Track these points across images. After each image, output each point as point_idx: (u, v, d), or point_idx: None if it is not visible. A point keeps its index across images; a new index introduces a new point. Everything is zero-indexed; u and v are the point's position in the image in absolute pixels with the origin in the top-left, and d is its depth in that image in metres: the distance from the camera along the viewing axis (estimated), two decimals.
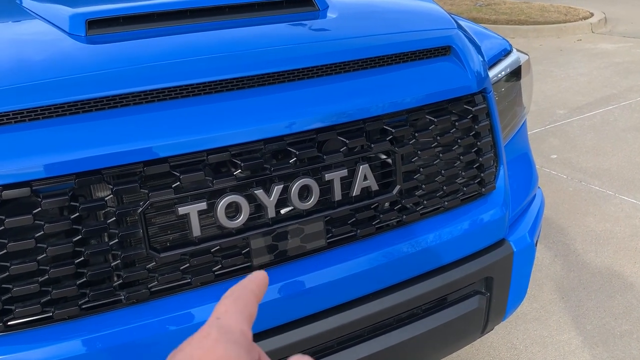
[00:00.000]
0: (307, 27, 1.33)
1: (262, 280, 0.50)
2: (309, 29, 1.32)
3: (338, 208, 1.21)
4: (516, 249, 1.50)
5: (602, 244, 2.89)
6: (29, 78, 1.02)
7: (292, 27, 1.32)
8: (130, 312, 1.08)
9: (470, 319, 1.45)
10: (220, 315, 0.45)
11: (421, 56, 1.34)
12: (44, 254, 0.99)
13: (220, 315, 0.45)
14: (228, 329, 0.43)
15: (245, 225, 1.13)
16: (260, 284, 0.49)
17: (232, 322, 0.44)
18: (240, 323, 0.45)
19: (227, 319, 0.45)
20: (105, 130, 1.02)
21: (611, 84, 5.55)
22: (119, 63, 1.09)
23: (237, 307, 0.46)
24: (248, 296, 0.48)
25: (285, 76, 1.19)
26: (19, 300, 1.00)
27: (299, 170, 1.15)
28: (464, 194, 1.40)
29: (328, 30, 1.32)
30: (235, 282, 1.17)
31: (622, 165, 3.77)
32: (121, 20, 1.21)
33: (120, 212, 1.02)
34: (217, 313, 0.46)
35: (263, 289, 0.50)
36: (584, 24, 8.20)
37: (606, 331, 2.28)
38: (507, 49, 1.70)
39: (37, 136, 0.98)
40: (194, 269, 1.11)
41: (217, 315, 0.45)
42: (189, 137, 1.06)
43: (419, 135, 1.28)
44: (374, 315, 1.29)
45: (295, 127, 1.15)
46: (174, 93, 1.09)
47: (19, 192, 0.96)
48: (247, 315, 0.46)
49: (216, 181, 1.08)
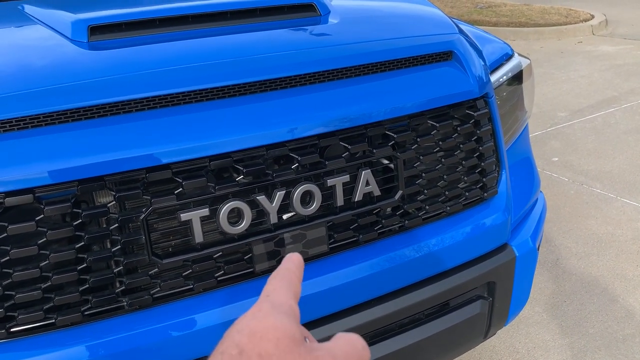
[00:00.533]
0: (309, 33, 1.33)
1: (299, 261, 0.55)
2: (311, 34, 1.32)
3: (340, 213, 1.21)
4: (518, 254, 1.50)
5: (604, 247, 2.88)
6: (31, 85, 1.02)
7: (294, 33, 1.33)
8: (133, 318, 1.08)
9: (472, 323, 1.45)
10: (270, 293, 0.50)
11: (423, 61, 1.34)
12: (46, 260, 0.99)
13: (270, 293, 0.50)
14: (278, 303, 0.48)
15: (248, 231, 1.13)
16: (298, 265, 0.55)
17: (281, 298, 0.49)
18: (288, 299, 0.49)
19: (276, 295, 0.49)
20: (107, 136, 1.02)
21: (612, 86, 5.55)
22: (121, 69, 1.09)
23: (284, 285, 0.51)
24: (291, 276, 0.52)
25: (287, 82, 1.19)
26: (22, 306, 1.00)
27: (301, 176, 1.15)
28: (466, 199, 1.40)
29: (330, 35, 1.32)
30: (237, 288, 1.16)
31: (623, 168, 3.77)
32: (123, 27, 1.22)
33: (122, 218, 1.02)
34: (266, 291, 0.50)
35: (302, 268, 0.55)
36: (585, 26, 8.20)
37: (609, 335, 2.28)
38: (509, 53, 1.70)
39: (39, 143, 0.98)
40: (196, 275, 1.11)
41: (266, 293, 0.50)
42: (191, 143, 1.06)
43: (421, 141, 1.28)
44: (376, 320, 1.28)
45: (297, 132, 1.15)
46: (177, 99, 1.09)
47: (22, 199, 0.96)
48: (293, 292, 0.51)
49: (218, 187, 1.08)
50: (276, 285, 0.51)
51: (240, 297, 1.15)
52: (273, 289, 0.50)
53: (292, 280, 0.52)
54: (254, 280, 1.17)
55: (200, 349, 1.11)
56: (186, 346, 1.09)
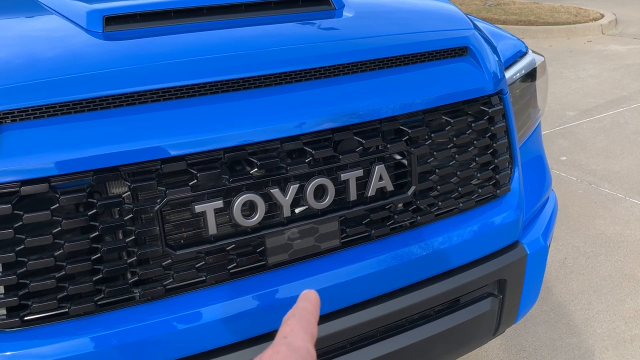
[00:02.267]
0: (324, 26, 1.33)
1: (316, 299, 0.54)
2: (325, 28, 1.32)
3: (353, 208, 1.21)
4: (529, 252, 1.49)
5: (613, 247, 2.87)
6: (46, 74, 1.02)
7: (309, 26, 1.32)
8: (145, 309, 1.08)
9: (482, 321, 1.44)
10: (287, 334, 0.49)
11: (438, 56, 1.33)
12: (60, 250, 0.99)
13: (287, 334, 0.49)
14: (295, 346, 0.47)
15: (261, 224, 1.12)
16: (315, 304, 0.54)
17: (299, 341, 0.48)
18: (305, 342, 0.48)
19: (293, 338, 0.48)
20: (123, 127, 1.02)
21: (621, 86, 5.52)
22: (137, 60, 1.08)
23: (301, 326, 0.50)
24: (309, 317, 0.52)
25: (302, 75, 1.19)
26: (36, 295, 1.01)
27: (314, 170, 1.15)
28: (478, 196, 1.39)
29: (345, 29, 1.31)
30: (249, 281, 1.16)
31: (632, 168, 3.75)
32: (138, 17, 1.22)
33: (137, 209, 1.02)
34: (283, 332, 0.49)
35: (318, 307, 0.54)
36: (594, 25, 8.16)
37: (616, 335, 2.27)
38: (523, 50, 1.69)
39: (55, 132, 0.98)
40: (209, 267, 1.11)
41: (283, 335, 0.49)
42: (206, 135, 1.06)
43: (435, 136, 1.28)
44: (386, 316, 1.28)
45: (312, 126, 1.15)
46: (192, 91, 1.09)
47: (38, 188, 0.96)
48: (310, 335, 0.50)
49: (233, 179, 1.08)
50: (294, 326, 0.50)
51: (252, 289, 1.14)
52: (290, 330, 0.49)
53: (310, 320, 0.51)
54: (266, 272, 1.16)
55: (212, 341, 1.11)
56: (198, 338, 1.09)
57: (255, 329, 1.15)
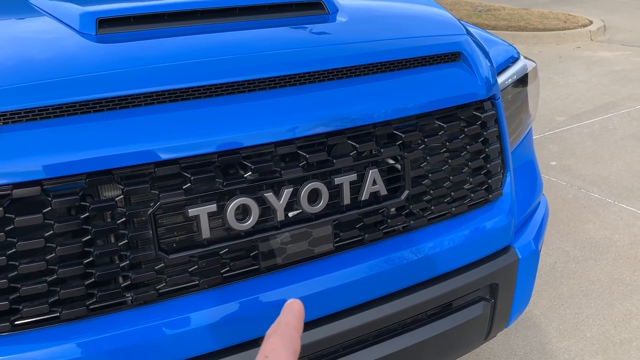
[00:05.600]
0: (317, 31, 1.33)
1: (300, 311, 0.52)
2: (319, 32, 1.32)
3: (346, 212, 1.21)
4: (521, 256, 1.50)
5: (602, 251, 2.89)
6: (39, 77, 1.02)
7: (302, 30, 1.32)
8: (138, 313, 1.07)
9: (474, 325, 1.45)
10: (268, 353, 0.46)
11: (431, 61, 1.34)
12: (52, 253, 0.98)
13: (268, 353, 0.46)
14: None
15: (254, 228, 1.12)
16: (299, 316, 0.52)
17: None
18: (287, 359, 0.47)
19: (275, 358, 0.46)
20: (116, 130, 1.01)
21: (610, 92, 5.57)
22: (131, 63, 1.08)
23: (284, 344, 0.48)
24: (291, 332, 0.49)
25: (296, 79, 1.19)
26: (27, 299, 1.00)
27: (308, 174, 1.15)
28: (471, 200, 1.40)
29: (338, 34, 1.32)
30: (242, 285, 1.15)
31: (621, 173, 3.78)
32: (132, 20, 1.21)
33: (130, 212, 1.02)
34: (264, 352, 0.47)
35: (302, 320, 0.52)
36: (583, 31, 8.24)
37: (606, 339, 2.28)
38: (514, 56, 1.70)
39: (48, 135, 0.97)
40: (202, 271, 1.11)
41: (265, 354, 0.47)
42: (200, 139, 1.06)
43: (428, 141, 1.28)
44: (379, 320, 1.28)
45: (306, 130, 1.15)
46: (186, 94, 1.09)
47: (30, 191, 0.95)
48: (293, 351, 0.48)
49: (226, 183, 1.07)
50: (275, 344, 0.48)
51: (245, 293, 1.14)
52: (272, 348, 0.47)
53: (292, 337, 0.49)
54: (260, 277, 1.16)
55: (205, 346, 1.11)
56: (191, 342, 1.09)
57: (247, 333, 1.14)
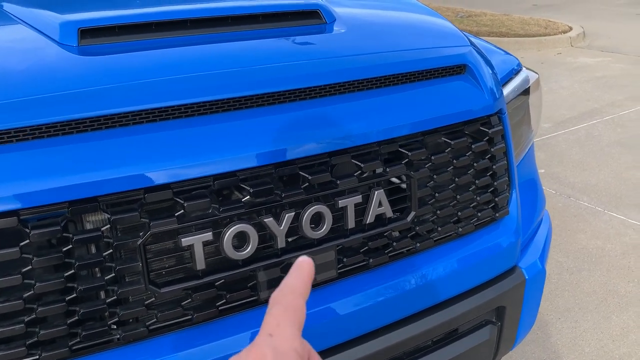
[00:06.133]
0: (314, 42, 1.25)
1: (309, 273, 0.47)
2: (318, 44, 1.24)
3: (350, 236, 1.13)
4: (528, 277, 1.43)
5: (595, 262, 2.86)
6: (14, 94, 0.92)
7: (299, 42, 1.24)
8: (126, 351, 0.98)
9: (480, 351, 1.38)
10: (272, 331, 0.44)
11: (436, 75, 1.27)
12: (31, 291, 0.89)
13: (272, 331, 0.44)
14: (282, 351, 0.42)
15: (253, 257, 1.03)
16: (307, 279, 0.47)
17: (285, 343, 0.43)
18: (292, 340, 0.43)
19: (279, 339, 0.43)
20: (101, 153, 0.92)
21: (593, 98, 5.59)
22: (116, 78, 0.99)
23: (288, 318, 0.44)
24: (297, 302, 0.46)
25: (295, 95, 1.11)
26: (2, 342, 0.89)
27: (311, 197, 1.06)
28: (477, 220, 1.33)
29: (337, 46, 1.24)
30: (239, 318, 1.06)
31: (608, 181, 3.77)
32: (117, 30, 1.12)
33: (117, 243, 0.92)
34: (268, 327, 0.44)
35: (310, 282, 0.47)
36: (564, 37, 8.30)
37: (605, 354, 2.24)
38: (516, 67, 1.64)
39: (25, 159, 0.87)
40: (196, 304, 1.01)
41: (269, 331, 0.44)
42: (193, 161, 0.97)
43: (435, 159, 1.21)
44: (384, 350, 1.20)
45: (307, 150, 1.07)
46: (178, 112, 1.00)
47: (5, 223, 0.85)
48: (298, 327, 0.45)
49: (223, 209, 0.99)
50: (280, 318, 0.44)
51: (241, 327, 1.05)
52: (276, 324, 0.44)
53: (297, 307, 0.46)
54: (258, 308, 1.07)
55: None
56: None
57: None
